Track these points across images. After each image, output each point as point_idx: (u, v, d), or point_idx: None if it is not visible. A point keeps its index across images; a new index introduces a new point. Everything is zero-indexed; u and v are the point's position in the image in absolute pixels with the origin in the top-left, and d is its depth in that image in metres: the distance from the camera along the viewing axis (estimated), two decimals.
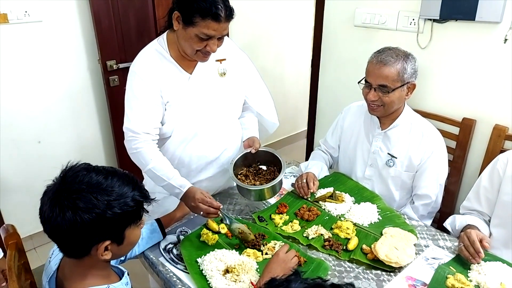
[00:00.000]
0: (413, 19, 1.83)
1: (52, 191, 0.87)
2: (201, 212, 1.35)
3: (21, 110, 2.27)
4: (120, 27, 2.41)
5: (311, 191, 1.62)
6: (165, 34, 1.48)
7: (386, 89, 1.51)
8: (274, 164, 1.61)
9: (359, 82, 1.61)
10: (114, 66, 2.43)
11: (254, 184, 1.53)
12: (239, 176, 1.58)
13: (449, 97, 1.81)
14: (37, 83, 2.28)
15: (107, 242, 0.89)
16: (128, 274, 1.07)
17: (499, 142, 1.67)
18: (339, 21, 2.16)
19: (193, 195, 1.36)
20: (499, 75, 1.64)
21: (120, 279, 1.01)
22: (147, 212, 0.98)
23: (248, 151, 1.58)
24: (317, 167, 1.79)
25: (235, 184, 1.61)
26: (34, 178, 2.39)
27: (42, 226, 0.88)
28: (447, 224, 1.52)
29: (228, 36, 1.89)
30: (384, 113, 1.60)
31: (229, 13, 1.32)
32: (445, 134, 1.78)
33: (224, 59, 1.55)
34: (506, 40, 1.58)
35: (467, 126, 1.75)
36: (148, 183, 1.70)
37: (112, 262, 1.19)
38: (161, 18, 2.55)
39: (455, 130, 1.79)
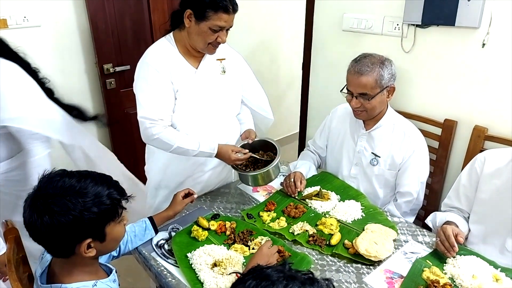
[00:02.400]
0: (397, 24, 1.90)
1: (30, 197, 0.92)
2: None
3: None
4: (116, 31, 2.48)
5: (298, 189, 1.69)
6: (171, 33, 1.60)
7: (366, 96, 1.59)
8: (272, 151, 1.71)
9: (341, 91, 1.68)
10: (111, 69, 2.50)
11: None
12: (239, 166, 1.67)
13: (432, 99, 1.88)
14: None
15: (88, 240, 0.93)
16: (116, 272, 1.11)
17: (479, 142, 1.74)
18: (328, 25, 2.23)
19: (228, 157, 1.59)
20: (478, 78, 1.71)
21: (108, 276, 1.07)
22: (125, 208, 1.01)
23: (245, 142, 1.70)
24: (305, 166, 1.86)
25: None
26: None
27: (27, 231, 0.93)
28: (428, 221, 1.59)
29: None
30: (368, 117, 1.68)
31: (236, 6, 1.49)
32: (428, 134, 1.85)
33: (224, 59, 1.69)
34: (484, 44, 1.65)
35: (448, 127, 1.82)
36: (153, 180, 1.80)
37: (105, 258, 1.26)
38: (156, 22, 2.63)
39: (437, 130, 1.86)
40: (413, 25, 1.83)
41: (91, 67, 2.52)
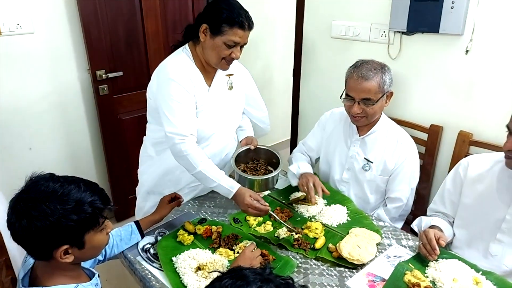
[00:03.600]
0: (384, 32, 1.92)
1: (14, 199, 0.93)
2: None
3: (14, 117, 2.35)
4: (109, 37, 2.50)
5: (320, 194, 1.65)
6: (187, 46, 1.62)
7: (370, 102, 1.59)
8: (272, 164, 1.75)
9: (341, 97, 1.68)
10: (103, 75, 2.52)
11: None
12: (240, 169, 1.69)
13: (418, 104, 1.90)
14: (29, 91, 2.36)
15: (65, 247, 0.93)
16: (98, 276, 1.12)
17: (464, 147, 1.76)
18: (317, 33, 2.26)
19: (242, 199, 1.45)
20: (462, 84, 1.73)
21: (91, 280, 1.07)
22: (107, 218, 1.01)
23: (247, 147, 1.74)
24: (307, 166, 1.83)
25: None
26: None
27: (9, 231, 0.94)
28: (414, 225, 1.60)
29: None
30: (367, 122, 1.68)
31: (251, 23, 1.53)
32: (414, 140, 1.85)
33: (232, 74, 1.72)
34: (467, 51, 1.68)
35: (434, 132, 1.84)
36: (145, 184, 1.81)
37: (90, 262, 1.26)
38: (149, 28, 2.65)
39: (423, 136, 1.88)
40: (399, 32, 1.86)
41: (83, 73, 2.54)
